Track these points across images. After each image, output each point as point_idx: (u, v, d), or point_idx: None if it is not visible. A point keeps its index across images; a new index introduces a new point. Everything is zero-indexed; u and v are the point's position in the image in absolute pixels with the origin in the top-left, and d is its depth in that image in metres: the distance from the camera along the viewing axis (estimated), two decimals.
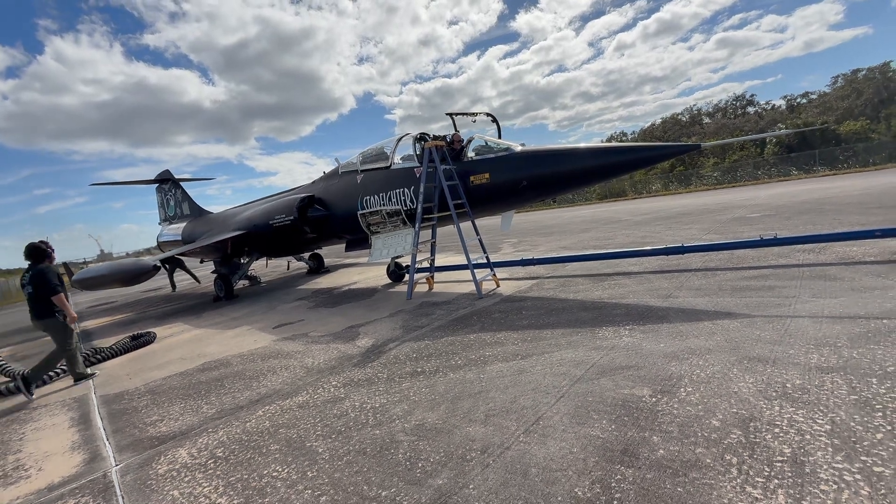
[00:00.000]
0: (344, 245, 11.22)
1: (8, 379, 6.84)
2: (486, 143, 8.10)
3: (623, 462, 2.54)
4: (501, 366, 4.26)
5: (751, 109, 67.64)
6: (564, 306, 6.04)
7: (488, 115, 8.93)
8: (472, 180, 7.89)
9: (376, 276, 12.06)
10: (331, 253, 19.03)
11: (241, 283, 14.02)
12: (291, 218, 10.65)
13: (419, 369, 4.51)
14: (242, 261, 13.17)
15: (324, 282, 12.62)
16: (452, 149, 8.26)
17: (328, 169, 11.62)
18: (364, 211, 9.36)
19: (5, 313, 20.64)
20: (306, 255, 15.45)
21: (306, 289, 11.77)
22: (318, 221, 10.63)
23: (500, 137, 8.64)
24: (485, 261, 8.12)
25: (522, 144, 7.80)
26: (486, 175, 7.72)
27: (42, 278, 5.87)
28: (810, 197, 15.87)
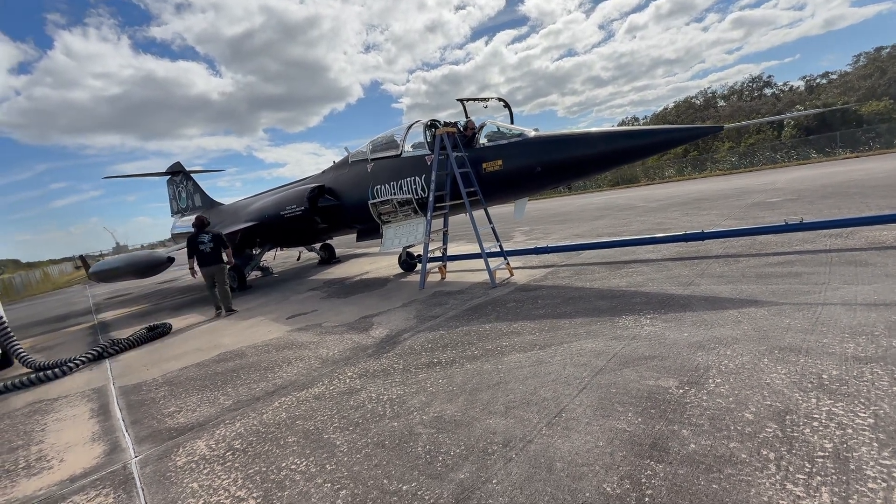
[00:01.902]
0: (355, 235, 11.20)
1: (29, 370, 6.97)
2: (499, 129, 7.92)
3: (652, 457, 2.44)
4: (520, 356, 4.17)
5: (768, 91, 65.60)
6: (581, 295, 5.91)
7: (500, 100, 8.72)
8: (485, 167, 7.73)
9: (387, 265, 12.01)
10: (341, 243, 19.02)
11: (254, 274, 14.10)
12: (302, 208, 10.61)
13: (435, 360, 4.44)
14: (254, 252, 13.23)
15: (335, 272, 12.61)
16: (464, 136, 8.09)
17: (336, 159, 11.54)
18: (375, 200, 9.27)
19: (25, 305, 21.11)
20: (317, 245, 15.47)
21: (318, 279, 11.78)
22: (328, 211, 10.58)
23: (512, 123, 8.45)
24: (498, 249, 7.99)
25: (536, 130, 7.61)
26: (499, 162, 7.56)
27: (220, 238, 8.92)
28: (833, 180, 15.36)
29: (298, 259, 16.91)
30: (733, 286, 5.26)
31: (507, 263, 7.86)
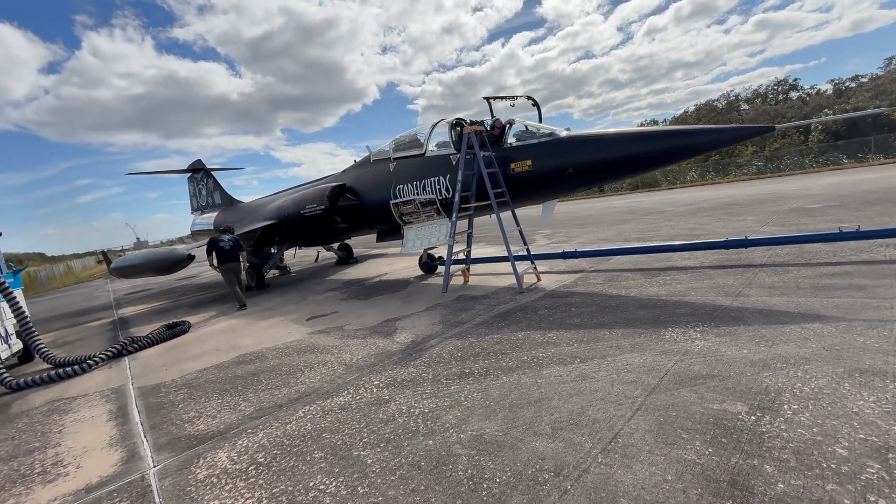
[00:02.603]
0: (375, 235, 11.02)
1: (50, 366, 6.92)
2: (528, 129, 7.62)
3: (734, 497, 2.12)
4: (559, 370, 3.87)
5: (794, 94, 63.71)
6: (618, 303, 5.57)
7: (529, 98, 8.42)
8: (513, 168, 7.44)
9: (407, 267, 11.79)
10: (358, 243, 18.89)
11: (272, 273, 14.04)
12: (322, 207, 10.45)
13: (467, 370, 4.17)
14: (273, 250, 13.15)
15: (353, 272, 12.45)
16: (492, 135, 7.81)
17: (352, 160, 11.37)
18: (397, 200, 9.05)
19: (48, 298, 21.50)
20: (335, 244, 15.35)
21: (337, 279, 11.62)
22: (349, 211, 10.40)
23: (540, 122, 8.15)
24: (524, 253, 7.68)
25: (567, 129, 7.29)
26: (528, 162, 7.26)
27: (238, 242, 9.78)
28: (875, 186, 14.62)
29: (317, 260, 16.77)
30: (788, 298, 4.86)
31: (535, 268, 7.55)
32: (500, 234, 7.19)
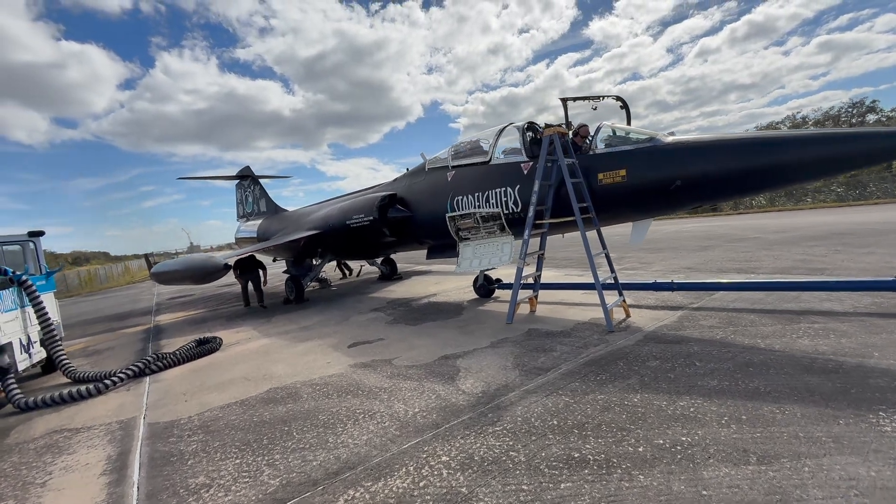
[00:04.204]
0: (422, 251, 10.00)
1: (70, 380, 6.27)
2: (620, 133, 6.36)
3: None
4: (730, 473, 2.54)
5: (871, 117, 58.22)
6: (766, 361, 4.11)
7: (617, 98, 7.18)
8: (601, 179, 6.18)
9: (456, 287, 10.64)
10: (400, 258, 17.96)
11: (311, 285, 13.32)
12: (371, 218, 9.56)
13: (576, 453, 2.91)
14: (314, 262, 12.42)
15: (398, 290, 11.44)
16: (574, 142, 6.61)
17: (392, 175, 10.46)
18: (454, 213, 7.97)
19: (100, 297, 22.05)
20: (378, 259, 14.48)
21: (380, 297, 10.64)
22: (399, 223, 9.45)
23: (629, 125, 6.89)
24: (611, 281, 6.33)
25: (672, 133, 5.98)
26: (622, 172, 5.97)
27: (257, 260, 11.60)
28: None
29: (359, 275, 15.83)
30: None
31: (623, 300, 6.17)
32: (581, 255, 5.89)
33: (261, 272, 11.42)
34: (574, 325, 6.12)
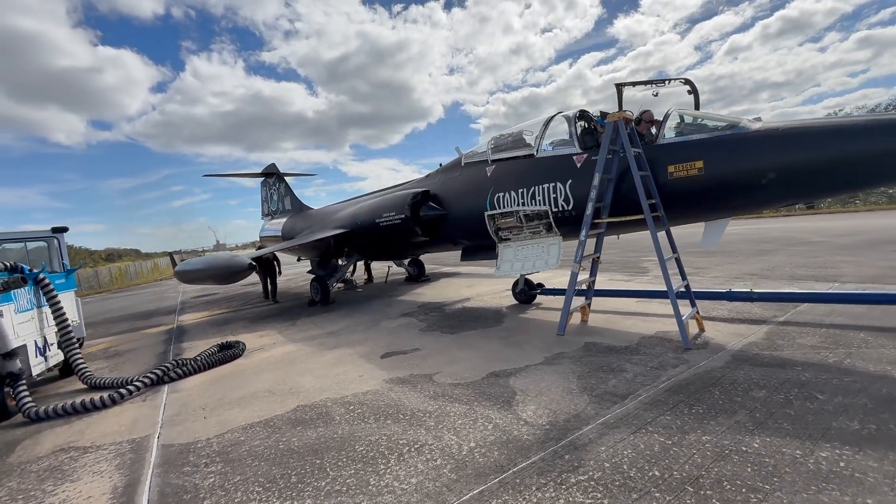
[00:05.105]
0: (456, 252, 9.34)
1: (86, 386, 5.87)
2: (694, 120, 5.55)
3: None
4: None
5: None
6: None
7: (686, 82, 6.34)
8: (672, 171, 5.39)
9: (491, 291, 9.95)
10: (427, 258, 17.33)
11: (336, 286, 12.82)
12: (402, 217, 8.96)
13: None
14: (340, 262, 11.91)
15: (428, 293, 10.81)
16: (638, 132, 5.83)
17: (413, 176, 9.84)
18: (493, 212, 7.29)
19: (129, 294, 22.26)
20: (405, 259, 13.89)
21: (410, 301, 10.03)
22: (432, 222, 8.81)
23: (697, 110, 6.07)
24: (682, 290, 5.52)
25: (758, 119, 5.15)
26: (699, 164, 5.16)
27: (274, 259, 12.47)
28: None
29: (386, 281, 14.71)
30: None
31: (697, 312, 5.35)
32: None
33: (276, 265, 12.64)
34: (639, 339, 5.35)
